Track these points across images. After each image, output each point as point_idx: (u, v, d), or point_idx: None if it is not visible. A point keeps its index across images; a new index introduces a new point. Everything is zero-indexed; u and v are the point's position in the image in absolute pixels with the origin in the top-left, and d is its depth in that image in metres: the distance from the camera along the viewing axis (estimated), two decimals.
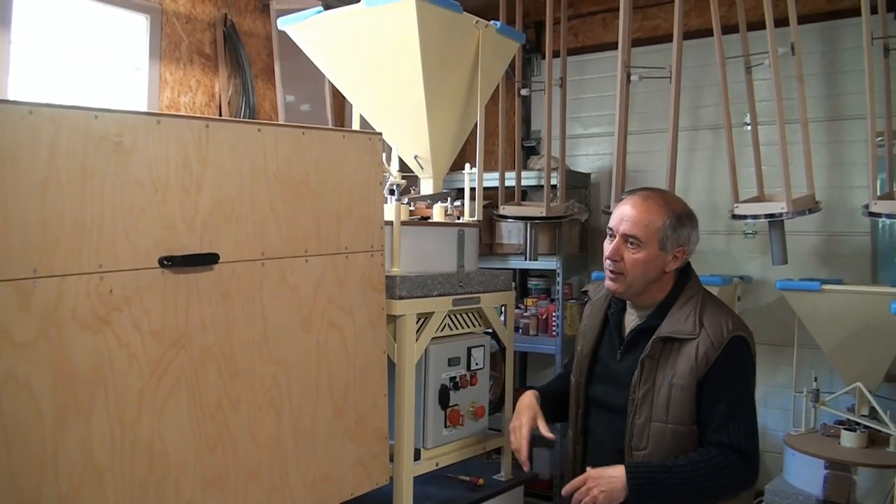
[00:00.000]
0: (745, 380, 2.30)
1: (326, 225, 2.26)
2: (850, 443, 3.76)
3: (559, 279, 4.81)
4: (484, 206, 4.85)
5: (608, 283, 2.40)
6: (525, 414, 2.53)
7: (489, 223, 5.03)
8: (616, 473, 2.20)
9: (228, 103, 4.35)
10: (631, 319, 2.45)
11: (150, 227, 1.89)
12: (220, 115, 4.29)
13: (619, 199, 2.52)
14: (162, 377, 1.91)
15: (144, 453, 1.88)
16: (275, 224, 2.13)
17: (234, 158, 2.05)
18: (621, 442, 2.33)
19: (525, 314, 4.97)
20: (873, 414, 3.81)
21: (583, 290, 2.78)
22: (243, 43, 4.44)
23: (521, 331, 4.92)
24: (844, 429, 3.82)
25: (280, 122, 2.71)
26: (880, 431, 3.71)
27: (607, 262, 2.38)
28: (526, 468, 2.54)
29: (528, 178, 4.94)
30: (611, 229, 2.39)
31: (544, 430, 2.50)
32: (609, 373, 2.44)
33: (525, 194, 4.95)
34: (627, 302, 2.47)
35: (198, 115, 2.95)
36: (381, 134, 2.43)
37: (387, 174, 2.51)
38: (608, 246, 2.39)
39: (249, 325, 2.07)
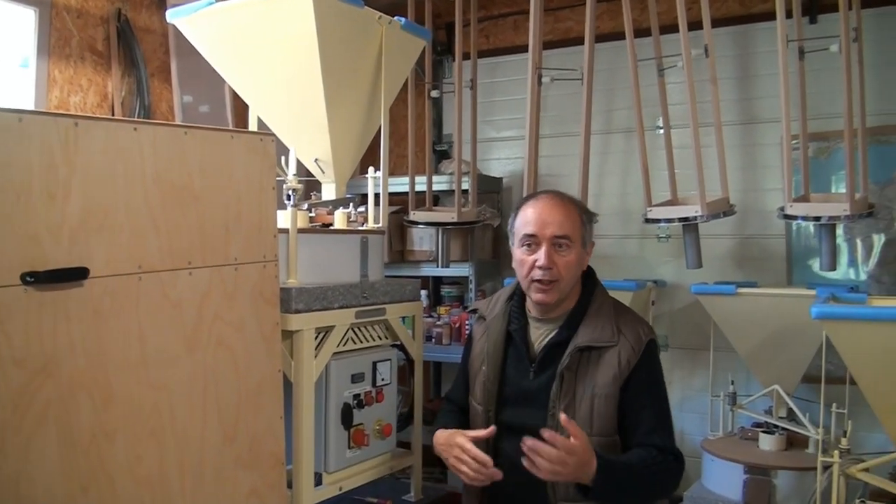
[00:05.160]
0: (662, 383, 2.30)
1: (213, 234, 2.07)
2: (769, 446, 3.75)
3: (472, 286, 4.69)
4: (394, 212, 4.70)
5: (540, 295, 2.26)
6: (455, 438, 2.30)
7: (400, 229, 4.88)
8: (589, 470, 2.02)
9: (122, 104, 4.11)
10: (538, 334, 2.33)
11: (11, 238, 1.68)
12: (113, 115, 4.05)
13: (519, 207, 2.39)
14: (27, 410, 1.70)
15: (10, 495, 1.67)
16: (154, 234, 1.94)
17: (107, 161, 1.85)
18: None
19: (438, 323, 4.84)
20: (791, 416, 3.78)
21: (471, 308, 2.64)
22: (138, 40, 4.20)
23: (433, 340, 4.79)
24: (762, 432, 3.81)
25: (158, 122, 2.51)
26: (798, 433, 3.69)
27: (539, 273, 2.23)
28: (498, 476, 2.23)
29: (440, 183, 4.81)
30: (533, 236, 2.25)
31: (478, 433, 2.29)
32: (521, 393, 2.30)
33: (437, 199, 4.83)
34: (528, 316, 2.35)
35: (64, 112, 2.73)
36: (273, 135, 2.25)
37: (281, 178, 2.34)
38: (529, 256, 2.25)
39: (125, 346, 1.87)
